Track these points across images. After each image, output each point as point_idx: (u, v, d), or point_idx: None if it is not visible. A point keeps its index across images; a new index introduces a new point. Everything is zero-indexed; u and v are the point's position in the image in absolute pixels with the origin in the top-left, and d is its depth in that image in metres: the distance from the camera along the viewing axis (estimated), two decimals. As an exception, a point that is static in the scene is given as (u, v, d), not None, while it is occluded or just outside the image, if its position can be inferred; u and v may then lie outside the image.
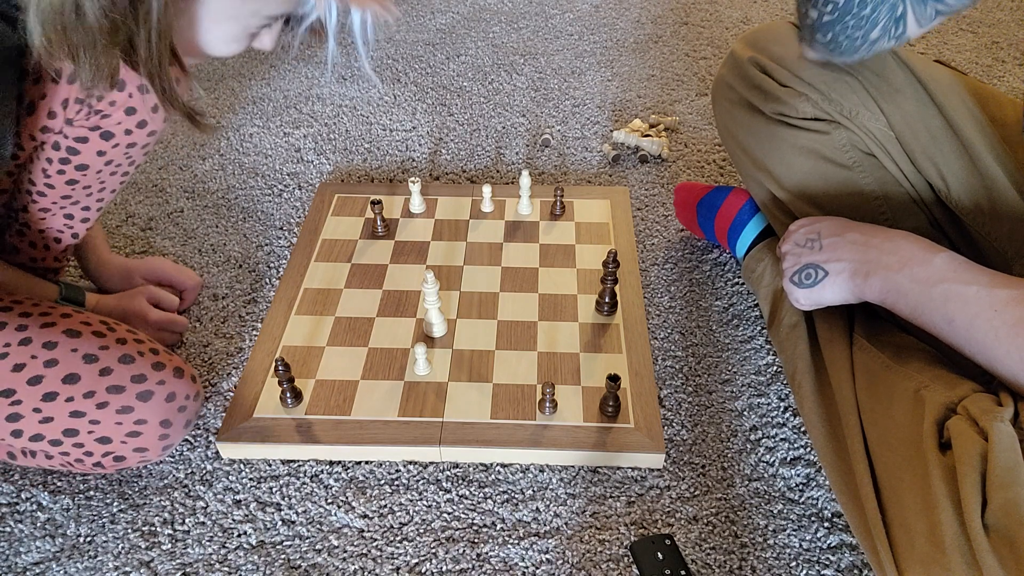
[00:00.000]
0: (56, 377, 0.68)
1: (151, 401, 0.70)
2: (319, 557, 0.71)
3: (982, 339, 0.57)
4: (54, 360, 0.68)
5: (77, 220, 0.82)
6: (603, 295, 0.91)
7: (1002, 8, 1.68)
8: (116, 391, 0.69)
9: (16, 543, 0.72)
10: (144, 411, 0.70)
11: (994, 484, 0.50)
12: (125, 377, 0.70)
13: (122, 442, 0.71)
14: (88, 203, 0.80)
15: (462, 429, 0.79)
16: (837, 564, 0.70)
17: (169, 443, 0.74)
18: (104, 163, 0.75)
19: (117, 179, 0.79)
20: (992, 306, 0.57)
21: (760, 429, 0.82)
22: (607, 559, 0.71)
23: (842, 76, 0.77)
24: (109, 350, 0.70)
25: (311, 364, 0.86)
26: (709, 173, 1.20)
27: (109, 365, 0.69)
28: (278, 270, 1.02)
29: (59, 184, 0.76)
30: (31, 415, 0.68)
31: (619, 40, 1.58)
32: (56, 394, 0.68)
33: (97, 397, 0.69)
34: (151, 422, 0.71)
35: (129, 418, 0.70)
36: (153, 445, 0.72)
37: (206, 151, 1.26)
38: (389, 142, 1.28)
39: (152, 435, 0.72)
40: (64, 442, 0.70)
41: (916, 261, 0.62)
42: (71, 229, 0.82)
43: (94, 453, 0.71)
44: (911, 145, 0.75)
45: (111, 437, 0.70)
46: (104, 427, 0.69)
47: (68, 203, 0.79)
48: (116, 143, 0.73)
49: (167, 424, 0.72)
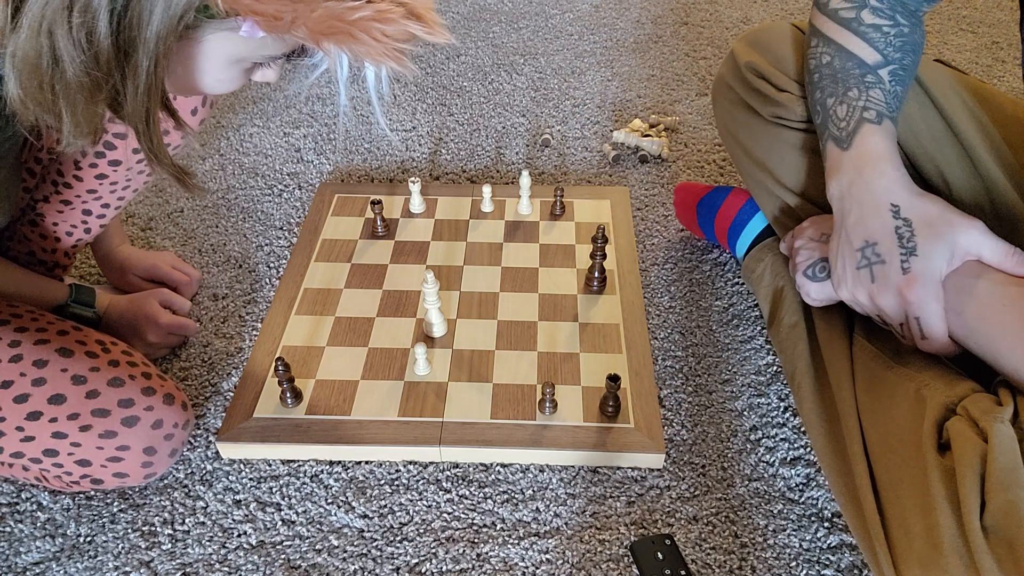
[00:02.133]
0: (42, 397, 0.66)
1: (136, 427, 0.68)
2: (319, 557, 0.71)
3: (989, 332, 0.58)
4: (42, 379, 0.66)
5: (94, 216, 0.81)
6: (592, 270, 0.92)
7: (1002, 8, 1.68)
8: (101, 415, 0.67)
9: (16, 543, 0.72)
10: (128, 437, 0.68)
11: (993, 485, 0.50)
12: (112, 401, 0.68)
13: (102, 466, 0.69)
14: (109, 200, 0.79)
15: (462, 429, 0.79)
16: (837, 564, 0.70)
17: (152, 471, 0.72)
18: (136, 160, 0.73)
19: (143, 178, 0.78)
20: (1002, 300, 0.57)
21: (760, 429, 0.82)
22: (607, 559, 0.71)
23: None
24: (99, 372, 0.68)
25: (311, 364, 0.86)
26: (709, 173, 1.20)
27: (97, 388, 0.68)
28: (278, 270, 1.03)
29: (87, 177, 0.75)
30: (13, 433, 0.66)
31: (619, 40, 1.58)
32: (41, 414, 0.66)
33: (81, 419, 0.67)
34: (134, 448, 0.69)
35: (112, 443, 0.68)
36: (135, 472, 0.71)
37: (206, 151, 1.26)
38: (389, 142, 1.28)
39: (134, 462, 0.70)
40: (43, 460, 0.68)
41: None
42: (85, 225, 0.81)
43: (73, 474, 0.70)
44: (912, 146, 0.75)
45: (91, 460, 0.68)
46: (85, 450, 0.68)
47: (91, 198, 0.78)
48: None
49: (151, 452, 0.70)
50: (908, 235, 0.61)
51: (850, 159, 0.66)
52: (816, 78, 0.72)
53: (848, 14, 0.71)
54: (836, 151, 0.68)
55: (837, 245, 0.67)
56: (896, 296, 0.62)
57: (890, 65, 0.69)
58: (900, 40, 0.69)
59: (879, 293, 0.63)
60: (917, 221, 0.62)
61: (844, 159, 0.67)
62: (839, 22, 0.71)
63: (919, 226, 0.61)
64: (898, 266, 0.61)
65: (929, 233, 0.61)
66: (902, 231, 0.62)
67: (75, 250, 0.85)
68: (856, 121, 0.67)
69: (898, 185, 0.64)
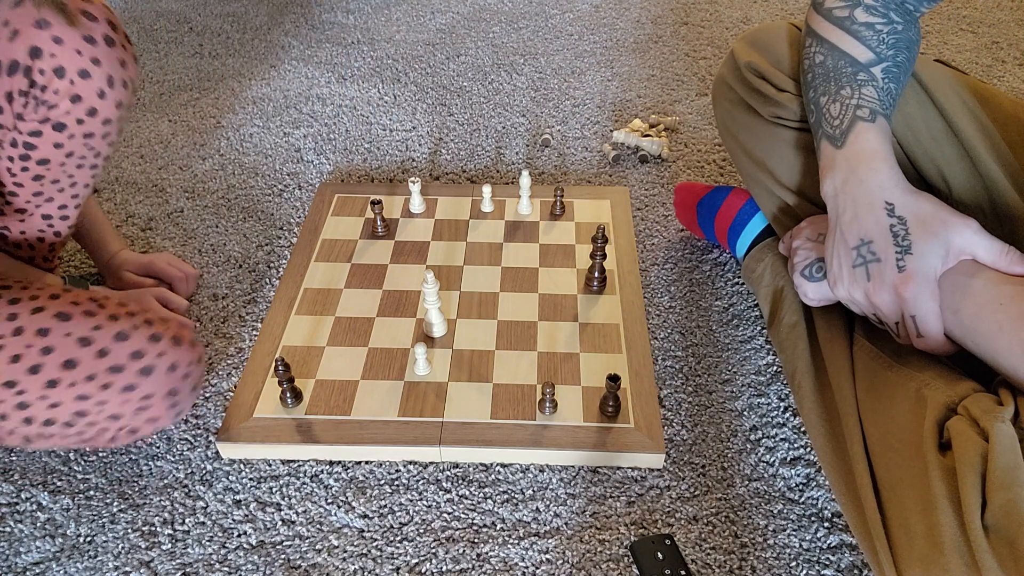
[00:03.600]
0: (55, 364, 0.68)
1: (153, 375, 0.70)
2: (319, 557, 0.71)
3: (986, 331, 0.58)
4: (50, 347, 0.68)
5: (56, 218, 0.81)
6: (592, 270, 0.92)
7: (1002, 8, 1.68)
8: (116, 371, 0.69)
9: (16, 543, 0.72)
10: (148, 386, 0.70)
11: (994, 485, 0.50)
12: (123, 356, 0.69)
13: (133, 416, 0.71)
14: (63, 200, 0.80)
15: (462, 429, 0.79)
16: (837, 564, 0.70)
17: (179, 410, 0.75)
18: (65, 155, 0.74)
19: (86, 172, 0.78)
20: (998, 299, 0.57)
21: (760, 429, 0.82)
22: (607, 559, 0.71)
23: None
24: (102, 329, 0.70)
25: (311, 364, 0.86)
26: (709, 173, 1.20)
27: (105, 346, 0.69)
28: (278, 270, 1.02)
29: (27, 182, 0.76)
30: (38, 402, 0.68)
31: (619, 40, 1.58)
32: (58, 380, 0.68)
33: (99, 379, 0.69)
34: (157, 395, 0.71)
35: (135, 395, 0.70)
36: (164, 414, 0.73)
37: (206, 151, 1.26)
38: (389, 142, 1.28)
39: (161, 406, 0.72)
40: (77, 423, 0.70)
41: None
42: (52, 228, 0.82)
43: (109, 429, 0.72)
44: (912, 146, 0.75)
45: (121, 414, 0.71)
46: (112, 406, 0.70)
47: (42, 200, 0.78)
48: (71, 134, 0.73)
49: (174, 393, 0.72)
50: (903, 233, 0.62)
51: (844, 157, 0.66)
52: (810, 77, 0.72)
53: (842, 13, 0.71)
54: (830, 149, 0.68)
55: (832, 244, 0.67)
56: (892, 294, 0.62)
57: (883, 63, 0.69)
58: (893, 38, 0.69)
59: (875, 291, 0.63)
60: (912, 219, 0.62)
61: (838, 157, 0.67)
62: (833, 21, 0.71)
63: (914, 224, 0.61)
64: (894, 264, 0.61)
65: (924, 231, 0.61)
66: (897, 229, 0.62)
67: (54, 253, 0.85)
68: (850, 119, 0.67)
69: (892, 183, 0.64)
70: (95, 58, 0.70)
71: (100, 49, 0.70)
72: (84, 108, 0.72)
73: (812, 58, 0.72)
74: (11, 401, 0.68)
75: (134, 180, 1.19)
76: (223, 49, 1.56)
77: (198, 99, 1.40)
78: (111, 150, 0.78)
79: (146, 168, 1.22)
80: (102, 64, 0.71)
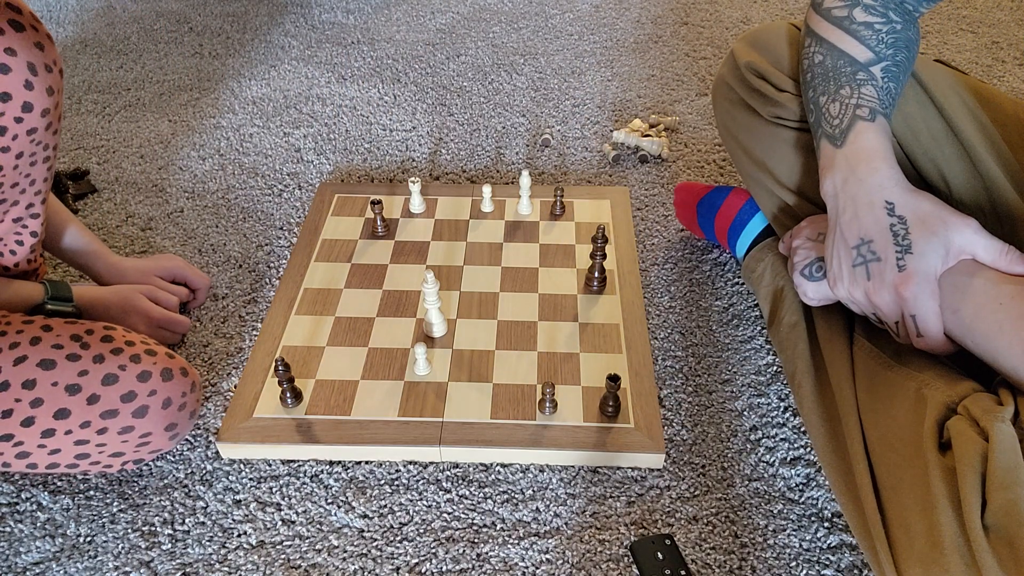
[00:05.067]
0: (47, 415, 0.67)
1: (148, 415, 0.70)
2: (319, 557, 0.71)
3: (986, 331, 0.58)
4: (39, 399, 0.67)
5: (27, 218, 0.78)
6: (592, 270, 0.92)
7: (1002, 8, 1.68)
8: (110, 416, 0.69)
9: (16, 543, 0.72)
10: (145, 425, 0.71)
11: (994, 484, 0.50)
12: (114, 399, 0.69)
13: (135, 451, 0.73)
14: (27, 200, 0.76)
15: (462, 429, 0.79)
16: (837, 564, 0.70)
17: (179, 436, 0.75)
18: (15, 157, 0.70)
19: (41, 167, 0.75)
20: (998, 299, 0.57)
21: (760, 429, 0.82)
22: (607, 559, 0.71)
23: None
24: (89, 375, 0.68)
25: (311, 364, 0.86)
26: (709, 173, 1.20)
27: (94, 392, 0.68)
28: (278, 270, 1.02)
29: None
30: (38, 451, 0.68)
31: (619, 40, 1.58)
32: (54, 430, 0.67)
33: (95, 425, 0.68)
34: (155, 431, 0.72)
35: (133, 434, 0.71)
36: (165, 444, 0.74)
37: (206, 151, 1.26)
38: (389, 142, 1.28)
39: (161, 438, 0.73)
40: (80, 464, 0.71)
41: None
42: (27, 229, 0.79)
43: (113, 465, 0.74)
44: (912, 146, 0.75)
45: (122, 451, 0.72)
46: (112, 446, 0.71)
47: (8, 206, 0.75)
48: (14, 134, 0.68)
49: (172, 427, 0.73)
50: (903, 232, 0.62)
51: (844, 156, 0.66)
52: (809, 77, 0.72)
53: (841, 13, 0.71)
54: (830, 148, 0.68)
55: (832, 243, 0.67)
56: (892, 293, 0.62)
57: (883, 62, 0.69)
58: (892, 37, 0.69)
59: (875, 291, 0.63)
60: (912, 218, 0.62)
61: (838, 156, 0.67)
62: (832, 21, 0.71)
63: (914, 223, 0.61)
64: (894, 263, 0.61)
65: (924, 231, 0.61)
66: (897, 228, 0.62)
67: (32, 265, 0.83)
68: (849, 119, 0.67)
69: (892, 182, 0.64)
70: (8, 48, 0.64)
71: (10, 38, 0.65)
72: (17, 105, 0.67)
73: (811, 58, 0.72)
74: (11, 452, 0.68)
75: (134, 180, 1.19)
76: (223, 49, 1.56)
77: (198, 99, 1.40)
78: (57, 138, 0.74)
79: (146, 168, 1.22)
80: (18, 54, 0.65)
